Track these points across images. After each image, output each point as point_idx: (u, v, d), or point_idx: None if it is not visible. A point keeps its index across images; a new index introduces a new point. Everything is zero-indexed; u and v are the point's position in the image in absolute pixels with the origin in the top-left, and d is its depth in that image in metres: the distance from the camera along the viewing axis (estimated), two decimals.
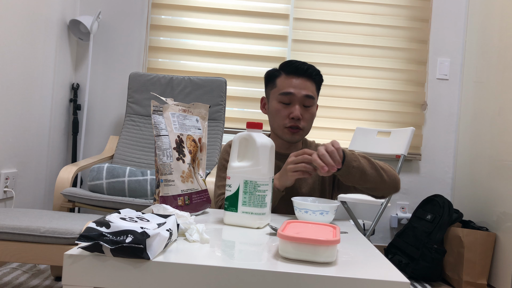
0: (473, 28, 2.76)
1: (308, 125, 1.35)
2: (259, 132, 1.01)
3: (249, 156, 0.98)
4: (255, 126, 1.01)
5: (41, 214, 1.63)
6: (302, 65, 1.33)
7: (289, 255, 0.71)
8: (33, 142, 2.37)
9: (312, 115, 1.35)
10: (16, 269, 2.11)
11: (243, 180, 0.96)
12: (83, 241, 0.65)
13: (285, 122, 1.32)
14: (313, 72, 1.33)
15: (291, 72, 1.33)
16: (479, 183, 2.52)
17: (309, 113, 1.33)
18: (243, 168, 0.97)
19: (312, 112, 1.34)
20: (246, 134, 1.00)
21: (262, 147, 0.97)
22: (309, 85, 1.32)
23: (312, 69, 1.34)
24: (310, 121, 1.35)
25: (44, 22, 2.40)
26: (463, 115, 2.80)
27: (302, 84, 1.31)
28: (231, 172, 0.98)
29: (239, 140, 1.00)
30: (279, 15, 2.84)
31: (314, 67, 1.35)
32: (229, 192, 0.98)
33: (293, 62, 1.34)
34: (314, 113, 1.36)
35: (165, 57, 2.83)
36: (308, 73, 1.32)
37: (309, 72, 1.32)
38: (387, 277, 0.65)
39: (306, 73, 1.32)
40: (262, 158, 0.97)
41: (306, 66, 1.33)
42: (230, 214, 0.98)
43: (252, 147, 0.97)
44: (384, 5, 2.85)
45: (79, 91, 2.80)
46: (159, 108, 1.03)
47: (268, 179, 0.98)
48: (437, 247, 2.35)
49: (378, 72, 2.85)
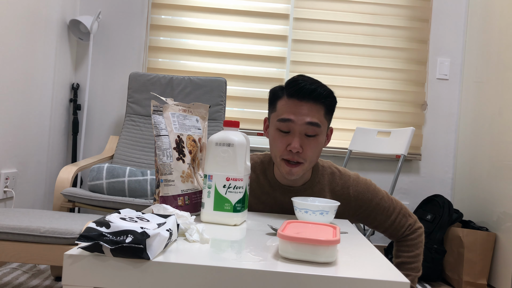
0: (473, 28, 2.76)
1: (312, 158, 1.13)
2: (236, 130, 1.03)
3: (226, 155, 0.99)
4: (232, 124, 1.02)
5: (41, 214, 1.63)
6: (306, 86, 1.09)
7: (289, 255, 0.71)
8: (33, 142, 2.37)
9: (317, 146, 1.13)
10: (16, 269, 2.11)
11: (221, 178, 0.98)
12: (83, 241, 0.65)
13: (283, 154, 1.12)
14: (321, 94, 1.10)
15: (293, 94, 1.11)
16: (479, 183, 2.52)
17: (312, 143, 1.11)
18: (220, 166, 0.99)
19: (317, 143, 1.12)
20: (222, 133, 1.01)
21: (238, 145, 0.99)
22: (314, 110, 1.10)
23: (320, 90, 1.10)
24: (315, 153, 1.13)
25: (44, 22, 2.40)
26: (463, 115, 2.80)
27: (305, 109, 1.09)
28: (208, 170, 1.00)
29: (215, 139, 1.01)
30: (279, 15, 2.84)
31: (324, 87, 1.12)
32: (206, 190, 1.00)
33: (298, 82, 1.11)
34: (320, 142, 1.13)
35: (165, 57, 2.83)
36: (314, 95, 1.09)
37: (316, 95, 1.09)
38: (387, 277, 0.65)
39: (311, 95, 1.09)
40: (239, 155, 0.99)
41: (312, 87, 1.10)
42: (207, 212, 0.99)
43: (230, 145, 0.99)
44: (384, 5, 2.85)
45: (79, 91, 2.80)
46: (159, 108, 1.03)
47: (244, 176, 1.00)
48: (437, 247, 2.35)
49: (378, 72, 2.85)
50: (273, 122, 1.16)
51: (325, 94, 1.12)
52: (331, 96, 1.15)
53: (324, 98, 1.11)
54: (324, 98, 1.11)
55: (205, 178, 1.00)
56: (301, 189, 1.20)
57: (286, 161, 1.13)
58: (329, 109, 1.15)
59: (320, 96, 1.11)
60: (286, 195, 1.20)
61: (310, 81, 1.11)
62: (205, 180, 1.00)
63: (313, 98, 1.10)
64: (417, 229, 1.26)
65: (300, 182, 1.20)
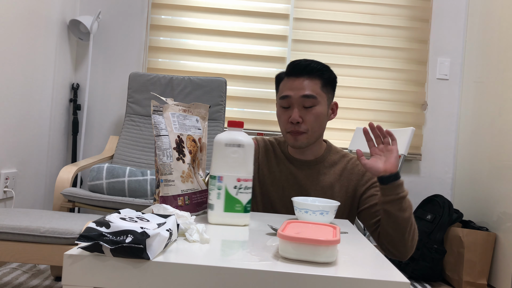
0: (473, 28, 2.76)
1: (314, 127, 1.23)
2: (241, 131, 1.02)
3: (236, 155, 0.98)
4: (237, 125, 1.01)
5: (41, 214, 1.63)
6: (301, 62, 1.22)
7: (289, 255, 0.71)
8: (33, 142, 2.37)
9: (317, 116, 1.22)
10: (16, 269, 2.11)
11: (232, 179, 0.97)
12: (83, 241, 0.65)
13: (286, 127, 1.24)
14: (314, 67, 1.21)
15: (290, 72, 1.24)
16: (479, 183, 2.52)
17: (311, 114, 1.21)
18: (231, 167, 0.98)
19: (316, 113, 1.22)
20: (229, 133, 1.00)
21: (248, 146, 0.98)
22: (309, 83, 1.21)
23: (313, 65, 1.21)
24: (316, 123, 1.23)
25: (44, 22, 2.40)
26: (463, 115, 2.80)
27: (300, 84, 1.21)
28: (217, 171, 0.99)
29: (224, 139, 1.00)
30: (279, 15, 2.84)
31: (317, 62, 1.23)
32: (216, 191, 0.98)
33: (294, 61, 1.24)
34: (320, 112, 1.23)
35: (165, 57, 2.83)
36: (308, 70, 1.21)
37: (310, 69, 1.21)
38: (387, 277, 0.65)
39: (305, 71, 1.21)
40: (248, 156, 0.98)
41: (306, 63, 1.22)
42: (217, 214, 0.98)
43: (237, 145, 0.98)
44: (384, 5, 2.85)
45: (79, 91, 2.80)
46: (159, 108, 1.03)
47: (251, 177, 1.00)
48: (437, 247, 2.35)
49: (378, 72, 2.85)
50: (277, 102, 1.28)
51: (319, 68, 1.22)
52: (327, 69, 1.24)
53: (318, 70, 1.22)
54: (318, 71, 1.22)
55: (213, 179, 0.98)
56: (312, 163, 1.30)
57: (291, 133, 1.23)
58: (327, 82, 1.24)
59: (314, 70, 1.21)
60: (299, 168, 1.30)
61: (305, 59, 1.23)
62: (214, 182, 0.98)
63: (307, 72, 1.21)
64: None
65: (311, 156, 1.30)
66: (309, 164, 1.30)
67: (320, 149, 1.31)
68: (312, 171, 1.29)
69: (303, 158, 1.30)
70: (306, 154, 1.30)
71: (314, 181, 1.28)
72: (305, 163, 1.30)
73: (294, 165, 1.30)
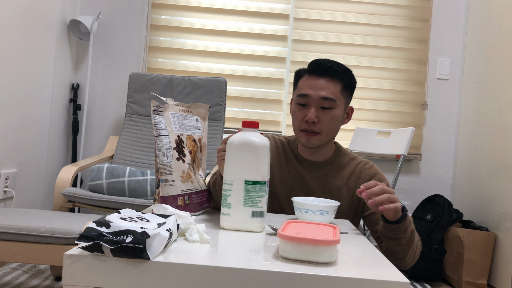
0: (473, 28, 2.76)
1: (328, 129, 1.22)
2: (256, 131, 0.96)
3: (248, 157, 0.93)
4: (252, 125, 0.96)
5: (41, 214, 1.63)
6: (324, 63, 1.21)
7: (289, 255, 0.71)
8: (33, 142, 2.37)
9: (333, 118, 1.22)
10: (16, 269, 2.11)
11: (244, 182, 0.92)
12: (83, 241, 0.65)
13: (301, 125, 1.23)
14: (337, 70, 1.20)
15: (312, 71, 1.22)
16: (479, 183, 2.52)
17: (328, 116, 1.21)
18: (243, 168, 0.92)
19: (333, 115, 1.21)
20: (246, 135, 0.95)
21: (262, 147, 0.93)
22: (330, 85, 1.20)
23: (336, 67, 1.21)
24: (331, 125, 1.22)
25: (44, 22, 2.40)
26: (463, 115, 2.80)
27: (321, 84, 1.20)
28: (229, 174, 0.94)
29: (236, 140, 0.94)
30: (279, 15, 2.84)
31: (340, 65, 1.22)
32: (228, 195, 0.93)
33: (317, 60, 1.22)
34: (336, 115, 1.22)
35: (165, 57, 2.83)
36: (331, 72, 1.20)
37: (332, 71, 1.20)
38: (387, 277, 0.65)
39: (327, 72, 1.20)
40: (268, 158, 0.94)
41: (329, 64, 1.21)
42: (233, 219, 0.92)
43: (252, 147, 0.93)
44: (384, 5, 2.85)
45: (79, 91, 2.80)
46: (159, 108, 1.03)
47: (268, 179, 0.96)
48: (437, 247, 2.35)
49: (378, 72, 2.85)
50: (294, 98, 1.26)
51: (341, 71, 1.21)
52: (348, 73, 1.24)
53: (340, 74, 1.21)
54: (340, 74, 1.21)
55: (227, 184, 0.93)
56: (321, 164, 1.29)
57: (305, 132, 1.22)
58: (347, 86, 1.24)
59: (337, 72, 1.20)
60: (308, 168, 1.29)
61: (329, 60, 1.22)
62: (231, 186, 0.92)
63: (329, 74, 1.20)
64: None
65: (321, 158, 1.30)
66: (317, 166, 1.29)
67: (330, 151, 1.31)
68: (321, 173, 1.29)
69: (312, 159, 1.29)
70: (315, 155, 1.29)
71: (322, 183, 1.28)
72: (313, 164, 1.30)
73: (302, 166, 1.30)
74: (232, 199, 0.92)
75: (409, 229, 1.09)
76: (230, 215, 0.92)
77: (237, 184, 0.92)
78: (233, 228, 0.93)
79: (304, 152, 1.30)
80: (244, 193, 0.92)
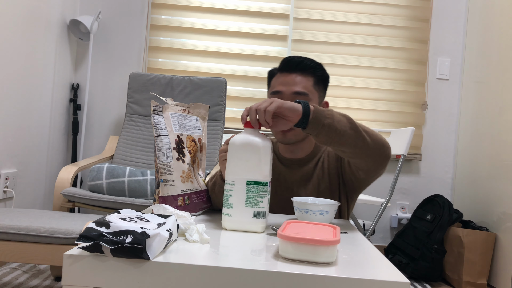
0: (473, 28, 2.76)
1: None
2: (258, 131, 0.95)
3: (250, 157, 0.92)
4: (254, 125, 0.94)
5: (41, 214, 1.63)
6: (294, 59, 1.21)
7: (289, 255, 0.71)
8: (33, 142, 2.37)
9: None
10: (16, 269, 2.11)
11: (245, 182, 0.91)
12: (83, 241, 0.65)
13: None
14: (308, 64, 1.20)
15: (283, 68, 1.23)
16: (479, 183, 2.52)
17: None
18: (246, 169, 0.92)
19: None
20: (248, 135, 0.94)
21: (264, 147, 0.93)
22: (302, 80, 1.19)
23: (306, 62, 1.20)
24: None
25: (44, 22, 2.40)
26: (463, 115, 2.80)
27: (293, 80, 1.19)
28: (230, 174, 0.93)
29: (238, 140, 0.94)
30: (279, 15, 2.84)
31: (311, 60, 1.22)
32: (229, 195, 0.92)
33: (288, 57, 1.23)
34: None
35: (165, 57, 2.83)
36: (301, 66, 1.20)
37: (302, 66, 1.20)
38: (387, 277, 0.65)
39: (298, 67, 1.20)
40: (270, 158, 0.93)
41: (299, 59, 1.20)
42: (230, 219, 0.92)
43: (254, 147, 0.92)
44: (384, 5, 2.85)
45: (79, 91, 2.80)
46: (159, 108, 1.03)
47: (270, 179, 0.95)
48: (437, 247, 2.35)
49: (378, 72, 2.85)
50: (268, 97, 1.26)
51: (312, 65, 1.21)
52: (320, 67, 1.23)
53: (311, 68, 1.20)
54: (311, 69, 1.20)
55: (229, 184, 0.93)
56: (303, 160, 1.28)
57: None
58: (319, 80, 1.23)
59: (307, 67, 1.20)
60: (289, 167, 1.28)
61: (299, 56, 1.22)
62: (233, 186, 0.92)
63: (300, 69, 1.20)
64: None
65: (301, 154, 1.28)
66: (299, 163, 1.28)
67: (309, 147, 1.30)
68: (303, 170, 1.28)
69: (293, 157, 1.28)
70: (295, 152, 1.28)
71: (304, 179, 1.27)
72: (295, 162, 1.29)
73: (284, 165, 1.28)
74: (234, 200, 0.92)
75: (327, 120, 0.98)
76: (231, 215, 0.92)
77: (239, 184, 0.92)
78: (235, 229, 0.92)
79: (284, 151, 1.29)
80: (246, 193, 0.91)
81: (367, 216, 2.85)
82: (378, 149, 1.07)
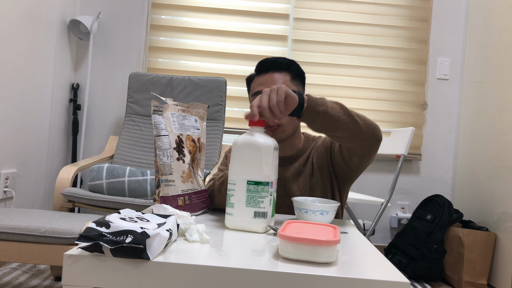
0: (473, 28, 2.76)
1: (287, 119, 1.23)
2: (262, 130, 0.96)
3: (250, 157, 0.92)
4: (259, 123, 0.95)
5: (41, 214, 1.63)
6: (268, 59, 1.26)
7: (289, 255, 0.71)
8: (33, 142, 2.37)
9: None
10: (16, 269, 2.11)
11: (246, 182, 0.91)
12: (83, 241, 0.65)
13: None
14: (281, 62, 1.25)
15: (259, 70, 1.27)
16: (479, 183, 2.52)
17: None
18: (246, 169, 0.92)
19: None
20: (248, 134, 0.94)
21: (265, 147, 0.92)
22: (279, 77, 1.23)
23: (280, 60, 1.25)
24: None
25: (44, 22, 2.40)
26: (463, 115, 2.80)
27: (270, 78, 1.23)
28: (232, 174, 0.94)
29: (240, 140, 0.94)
30: (279, 15, 2.84)
31: (283, 58, 1.26)
32: (231, 195, 0.93)
33: (262, 60, 1.27)
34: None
35: (165, 57, 2.83)
36: (276, 65, 1.24)
37: (276, 64, 1.24)
38: (387, 277, 0.65)
39: (272, 66, 1.24)
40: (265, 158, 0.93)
41: (272, 59, 1.25)
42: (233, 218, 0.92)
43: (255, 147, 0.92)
44: (384, 5, 2.85)
45: (79, 91, 2.80)
46: (159, 108, 1.03)
47: (273, 179, 0.94)
48: (437, 247, 2.35)
49: (378, 72, 2.85)
50: (250, 100, 1.30)
51: (286, 62, 1.25)
52: (293, 63, 1.27)
53: (285, 65, 1.25)
54: (286, 65, 1.25)
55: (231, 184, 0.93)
56: (294, 157, 1.31)
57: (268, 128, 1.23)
58: (295, 75, 1.26)
59: (282, 64, 1.24)
60: (281, 165, 1.29)
61: (272, 56, 1.26)
62: (234, 186, 0.92)
63: (275, 68, 1.24)
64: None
65: (292, 151, 1.31)
66: (290, 160, 1.30)
67: (299, 143, 1.32)
68: (293, 166, 1.29)
69: (283, 155, 1.30)
70: (285, 150, 1.30)
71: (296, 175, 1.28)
72: (286, 160, 1.30)
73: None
74: (235, 199, 0.92)
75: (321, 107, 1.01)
76: (233, 214, 0.93)
77: (240, 184, 0.92)
78: (236, 228, 0.93)
79: None
80: (247, 193, 0.91)
81: (367, 216, 2.85)
82: (371, 131, 1.11)
